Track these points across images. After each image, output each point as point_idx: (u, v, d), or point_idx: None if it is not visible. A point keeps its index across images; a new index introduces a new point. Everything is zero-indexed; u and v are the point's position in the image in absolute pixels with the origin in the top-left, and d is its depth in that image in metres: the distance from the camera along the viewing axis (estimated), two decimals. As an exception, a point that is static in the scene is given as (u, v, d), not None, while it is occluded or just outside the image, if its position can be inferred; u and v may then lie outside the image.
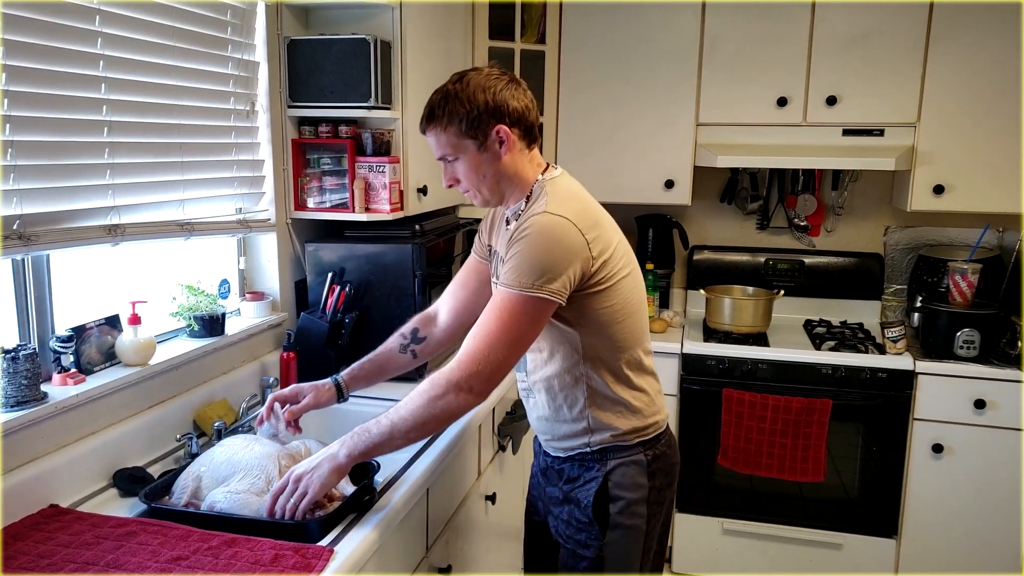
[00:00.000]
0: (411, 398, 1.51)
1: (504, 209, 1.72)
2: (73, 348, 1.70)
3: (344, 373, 1.86)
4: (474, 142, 1.58)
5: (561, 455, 1.74)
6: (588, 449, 1.68)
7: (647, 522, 1.68)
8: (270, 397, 1.80)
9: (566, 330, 1.61)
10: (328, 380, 1.84)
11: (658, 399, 1.74)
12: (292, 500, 1.48)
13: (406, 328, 1.94)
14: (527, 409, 1.82)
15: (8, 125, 1.49)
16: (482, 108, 1.55)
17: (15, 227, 1.51)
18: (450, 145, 1.59)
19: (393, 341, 1.92)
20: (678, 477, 1.81)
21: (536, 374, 1.71)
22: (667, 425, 1.77)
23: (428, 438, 1.89)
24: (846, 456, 2.92)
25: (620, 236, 1.65)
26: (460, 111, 1.56)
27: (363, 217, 2.36)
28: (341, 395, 1.85)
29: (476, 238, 1.90)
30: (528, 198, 1.63)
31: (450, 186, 1.67)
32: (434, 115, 1.59)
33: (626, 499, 1.65)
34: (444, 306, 1.94)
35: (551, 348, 1.65)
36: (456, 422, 1.71)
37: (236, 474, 1.58)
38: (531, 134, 1.64)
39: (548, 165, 1.69)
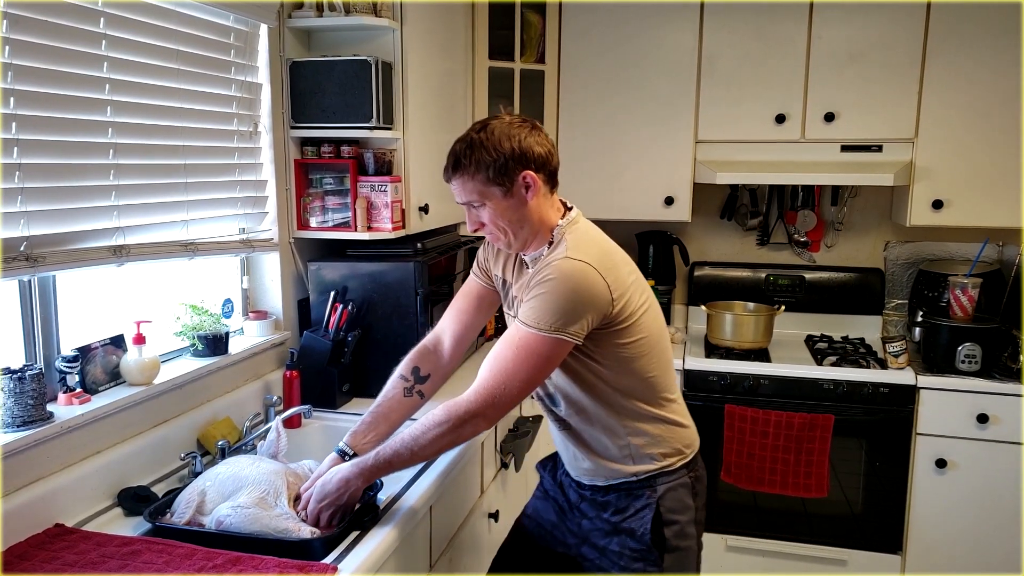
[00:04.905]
0: (428, 427, 1.56)
1: (523, 253, 1.74)
2: (78, 368, 1.72)
3: (347, 438, 1.76)
4: (501, 188, 1.60)
5: (601, 484, 1.74)
6: (635, 478, 1.69)
7: (696, 542, 1.74)
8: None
9: (596, 367, 1.64)
10: (333, 453, 1.75)
11: (690, 420, 1.80)
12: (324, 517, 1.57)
13: (404, 369, 1.87)
14: (560, 443, 1.82)
15: (16, 148, 1.51)
16: (508, 155, 1.58)
17: (22, 249, 1.53)
18: (477, 192, 1.62)
19: (395, 386, 1.85)
20: None
21: (571, 407, 1.71)
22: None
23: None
24: (849, 472, 2.92)
25: (633, 269, 1.68)
26: (487, 159, 1.58)
27: (365, 236, 2.38)
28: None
29: (475, 264, 1.90)
30: (550, 243, 1.66)
31: (475, 230, 1.69)
32: (460, 164, 1.61)
33: (679, 522, 1.69)
34: (448, 335, 1.89)
35: (584, 382, 1.66)
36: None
37: (243, 489, 1.58)
38: (554, 178, 1.68)
39: (564, 206, 1.72)
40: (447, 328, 1.90)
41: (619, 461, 1.70)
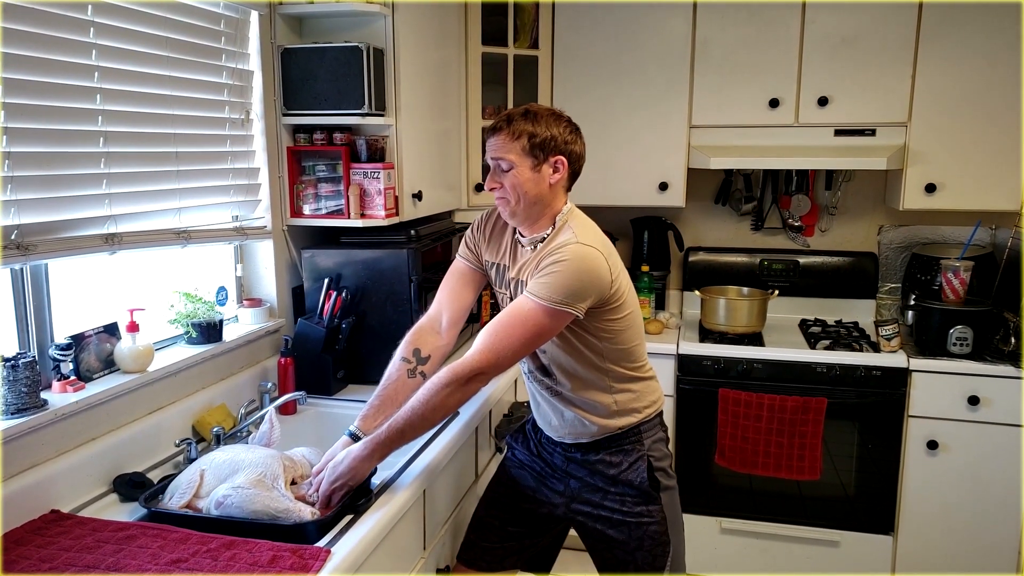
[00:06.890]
0: (437, 390, 1.65)
1: (521, 234, 1.85)
2: (72, 356, 1.73)
3: (358, 422, 1.81)
4: (533, 160, 1.74)
5: (586, 440, 1.88)
6: (619, 431, 1.86)
7: (676, 480, 1.95)
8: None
9: (591, 340, 1.79)
10: (344, 436, 1.79)
11: (656, 375, 1.97)
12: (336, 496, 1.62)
13: (406, 351, 1.92)
14: (546, 411, 1.93)
15: (6, 137, 1.51)
16: (553, 135, 1.74)
17: (13, 237, 1.53)
18: (513, 153, 1.73)
19: (398, 368, 1.90)
20: None
21: (565, 376, 1.84)
22: None
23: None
24: (842, 454, 2.94)
25: (617, 254, 1.82)
26: (537, 130, 1.73)
27: (359, 223, 2.38)
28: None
29: (464, 246, 1.99)
30: (553, 227, 1.80)
31: (492, 189, 1.79)
32: (512, 122, 1.73)
33: (664, 466, 1.90)
34: (445, 315, 1.97)
35: (579, 353, 1.80)
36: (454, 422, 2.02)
37: (241, 471, 1.60)
38: (574, 179, 1.84)
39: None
40: (443, 309, 1.98)
41: (607, 417, 1.85)
